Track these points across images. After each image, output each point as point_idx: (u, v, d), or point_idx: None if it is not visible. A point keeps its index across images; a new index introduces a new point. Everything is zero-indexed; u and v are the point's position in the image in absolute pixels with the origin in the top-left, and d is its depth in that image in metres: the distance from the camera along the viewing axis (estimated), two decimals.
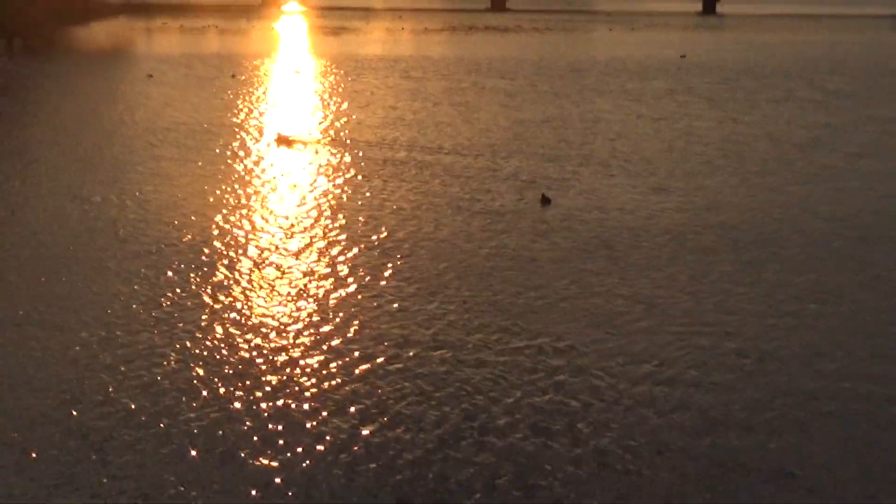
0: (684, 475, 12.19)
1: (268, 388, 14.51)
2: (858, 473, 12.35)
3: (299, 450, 12.66)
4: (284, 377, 14.95)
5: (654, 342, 16.67)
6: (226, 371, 15.19)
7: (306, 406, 13.95)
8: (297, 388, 14.54)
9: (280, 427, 13.27)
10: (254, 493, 11.61)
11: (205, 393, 14.36)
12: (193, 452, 12.52)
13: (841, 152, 35.16)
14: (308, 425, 13.36)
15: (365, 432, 13.16)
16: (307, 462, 12.36)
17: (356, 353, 15.88)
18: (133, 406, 13.77)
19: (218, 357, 15.76)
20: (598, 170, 31.20)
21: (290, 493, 11.62)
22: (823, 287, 19.74)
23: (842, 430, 13.47)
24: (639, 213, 25.74)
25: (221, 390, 14.48)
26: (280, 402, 14.07)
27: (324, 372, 15.14)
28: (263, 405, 13.95)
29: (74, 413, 13.54)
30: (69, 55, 73.42)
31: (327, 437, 13.01)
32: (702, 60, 70.94)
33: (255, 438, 12.95)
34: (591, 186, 28.76)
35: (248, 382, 14.77)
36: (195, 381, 14.69)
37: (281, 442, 12.87)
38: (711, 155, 33.98)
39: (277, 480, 11.90)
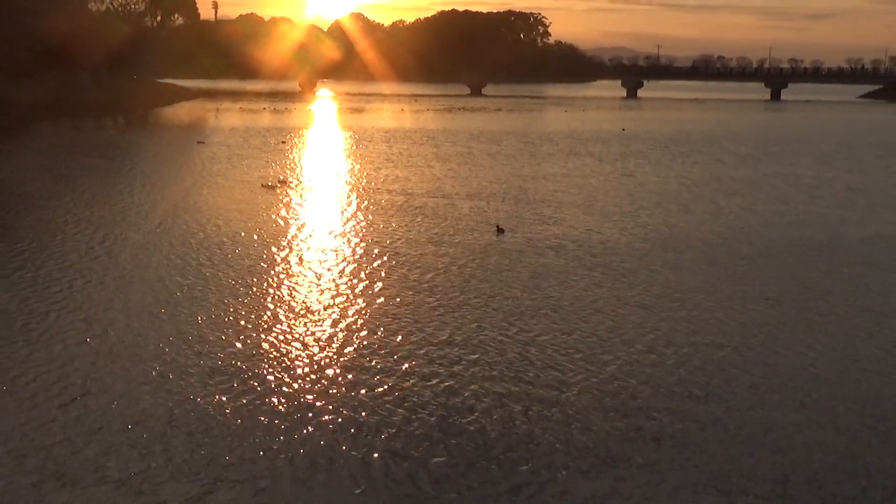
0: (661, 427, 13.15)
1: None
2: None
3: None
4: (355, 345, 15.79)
5: (638, 329, 17.41)
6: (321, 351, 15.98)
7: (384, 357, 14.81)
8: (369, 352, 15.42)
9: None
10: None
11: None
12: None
13: (759, 198, 35.83)
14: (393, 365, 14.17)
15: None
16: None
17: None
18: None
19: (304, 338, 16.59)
20: (579, 210, 31.67)
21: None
22: (761, 294, 20.26)
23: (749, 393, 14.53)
24: (614, 240, 26.37)
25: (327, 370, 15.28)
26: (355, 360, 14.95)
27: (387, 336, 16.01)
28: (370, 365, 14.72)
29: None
30: (157, 128, 73.94)
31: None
32: (637, 132, 71.77)
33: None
34: (575, 223, 29.10)
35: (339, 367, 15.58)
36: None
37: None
38: (661, 199, 34.72)
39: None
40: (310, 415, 13.08)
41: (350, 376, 14.61)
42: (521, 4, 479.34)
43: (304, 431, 12.53)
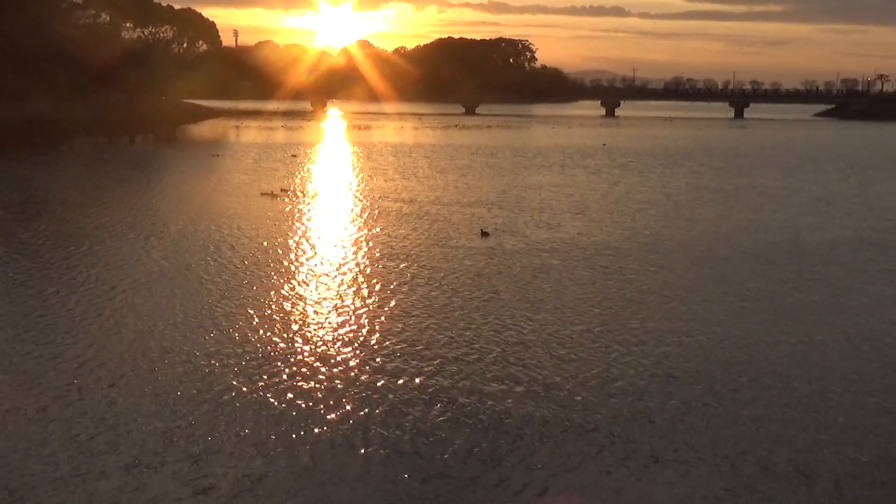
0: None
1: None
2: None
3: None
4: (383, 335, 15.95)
5: (630, 321, 17.54)
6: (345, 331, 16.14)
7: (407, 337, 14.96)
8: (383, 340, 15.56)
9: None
10: None
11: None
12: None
13: (733, 206, 35.84)
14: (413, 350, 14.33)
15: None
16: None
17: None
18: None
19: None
20: (573, 216, 31.66)
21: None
22: (737, 290, 20.23)
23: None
24: (605, 240, 26.46)
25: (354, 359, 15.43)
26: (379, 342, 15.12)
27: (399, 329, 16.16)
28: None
29: None
30: (182, 143, 73.77)
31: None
32: (618, 147, 71.76)
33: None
34: (570, 228, 29.07)
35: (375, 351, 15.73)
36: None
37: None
38: (646, 207, 34.74)
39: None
40: (335, 399, 13.23)
41: (353, 355, 14.79)
42: (511, 32, 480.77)
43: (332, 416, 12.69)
